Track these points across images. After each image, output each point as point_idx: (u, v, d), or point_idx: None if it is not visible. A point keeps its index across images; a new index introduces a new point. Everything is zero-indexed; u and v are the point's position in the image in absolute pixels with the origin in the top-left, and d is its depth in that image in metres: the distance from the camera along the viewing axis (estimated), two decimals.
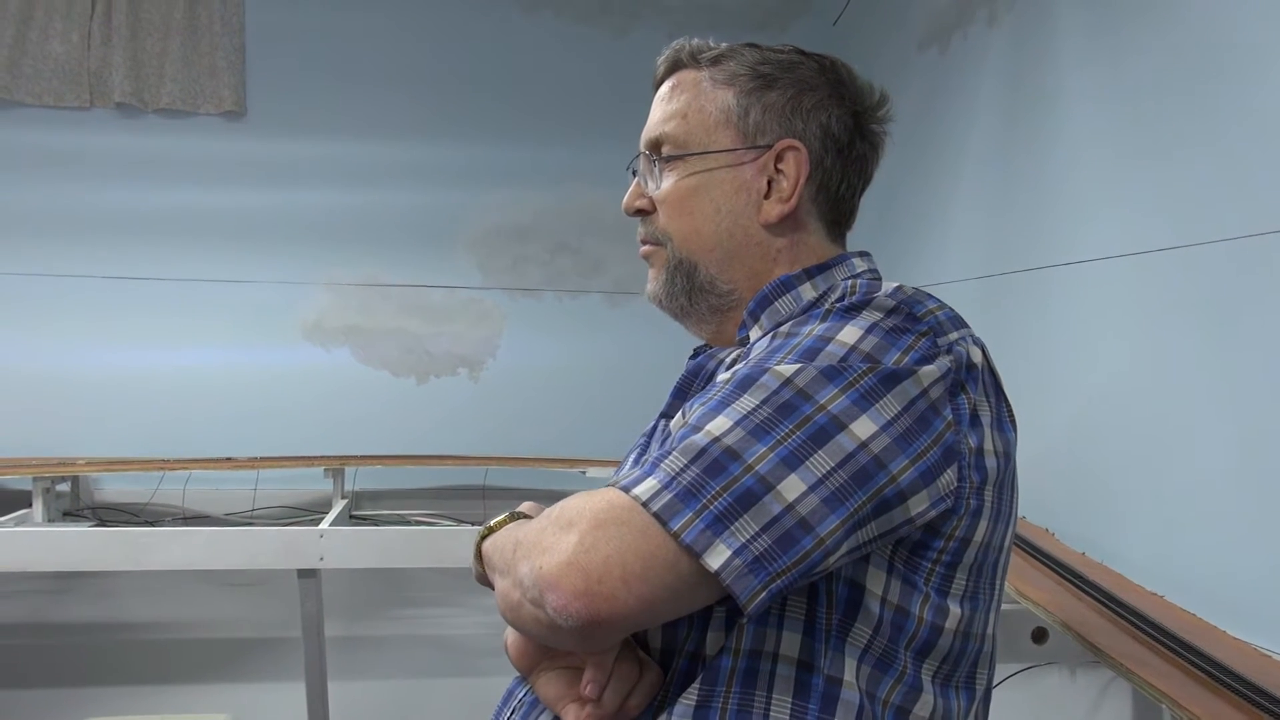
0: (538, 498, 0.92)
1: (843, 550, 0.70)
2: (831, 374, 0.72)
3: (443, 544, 2.23)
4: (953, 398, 0.75)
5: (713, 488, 0.67)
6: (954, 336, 0.78)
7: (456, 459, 2.92)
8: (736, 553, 0.66)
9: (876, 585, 0.75)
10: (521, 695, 0.88)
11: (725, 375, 0.77)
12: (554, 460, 2.88)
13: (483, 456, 2.92)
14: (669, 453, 0.70)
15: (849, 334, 0.75)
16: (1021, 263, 1.92)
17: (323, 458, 2.83)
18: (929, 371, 0.74)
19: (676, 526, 0.66)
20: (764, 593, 0.67)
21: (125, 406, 2.94)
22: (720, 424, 0.70)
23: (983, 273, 2.08)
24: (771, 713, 0.74)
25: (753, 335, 0.90)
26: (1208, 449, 1.37)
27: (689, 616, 0.77)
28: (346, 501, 2.80)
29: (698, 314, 0.96)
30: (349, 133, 3.10)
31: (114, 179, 2.99)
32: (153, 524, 2.78)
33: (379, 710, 2.86)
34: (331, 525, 2.35)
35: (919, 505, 0.72)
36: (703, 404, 0.74)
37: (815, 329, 0.77)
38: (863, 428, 0.70)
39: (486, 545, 0.84)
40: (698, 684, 0.75)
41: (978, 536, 0.78)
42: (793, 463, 0.68)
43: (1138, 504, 1.53)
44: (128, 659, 2.88)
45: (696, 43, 0.96)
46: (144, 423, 2.93)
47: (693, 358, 0.97)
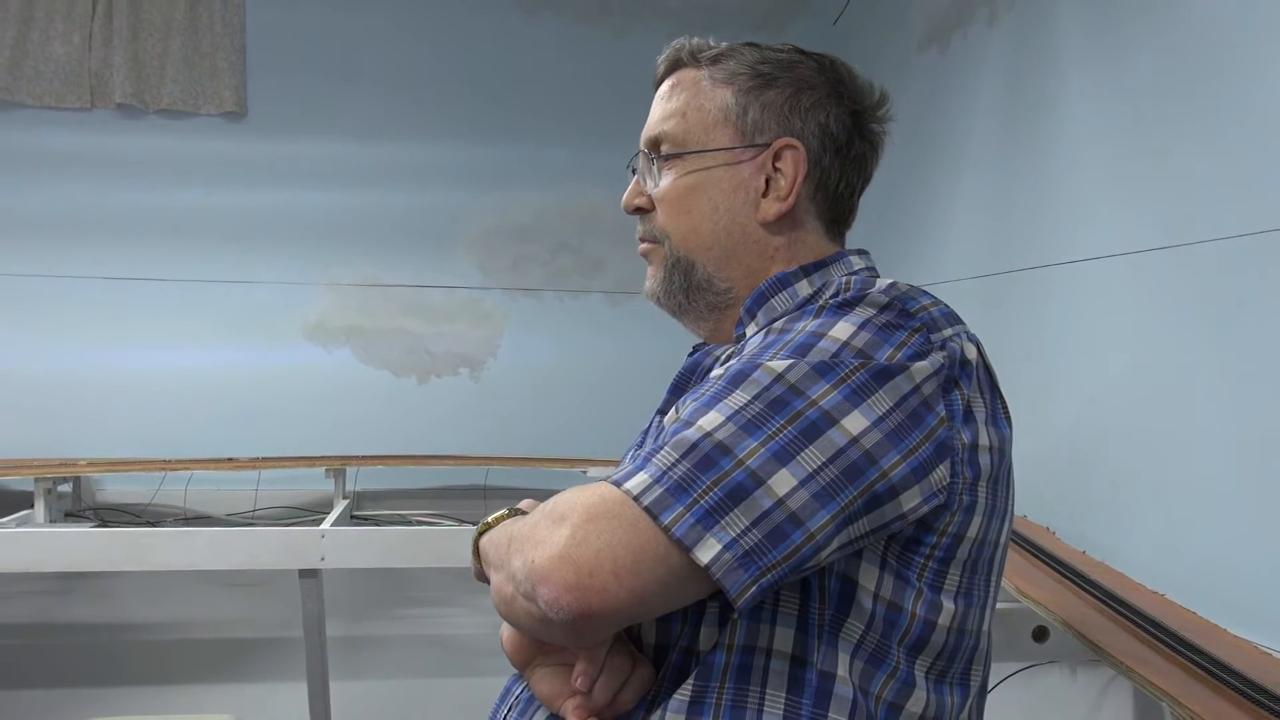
0: (538, 497, 0.91)
1: (834, 545, 0.70)
2: (823, 370, 0.72)
3: (444, 544, 2.22)
4: (946, 394, 0.75)
5: (703, 482, 0.67)
6: (947, 333, 0.78)
7: (457, 459, 2.91)
8: (727, 547, 0.66)
9: (869, 580, 0.75)
10: (519, 692, 0.88)
11: (719, 371, 0.77)
12: (555, 460, 2.88)
13: (484, 456, 2.91)
14: (661, 447, 0.70)
15: (841, 330, 0.75)
16: (1022, 262, 1.91)
17: (324, 458, 2.83)
18: (921, 367, 0.74)
19: (667, 520, 0.66)
20: (754, 587, 0.67)
21: (126, 407, 2.94)
22: (712, 419, 0.70)
23: (983, 272, 2.08)
24: (766, 708, 0.74)
25: (749, 331, 0.90)
26: (1209, 447, 1.37)
27: (683, 612, 0.77)
28: (348, 502, 2.80)
29: (695, 311, 0.96)
30: (350, 133, 3.10)
31: (115, 180, 2.98)
32: (154, 525, 2.78)
33: (381, 709, 2.86)
34: (333, 525, 2.34)
35: (911, 501, 0.72)
36: (696, 400, 0.74)
37: (808, 325, 0.77)
38: (854, 423, 0.70)
39: (483, 541, 0.85)
40: (692, 680, 0.75)
41: (971, 532, 0.78)
42: (784, 458, 0.68)
43: (1139, 502, 1.53)
44: (130, 659, 2.88)
45: (696, 42, 0.96)
46: (145, 423, 2.93)
47: (690, 355, 0.98)
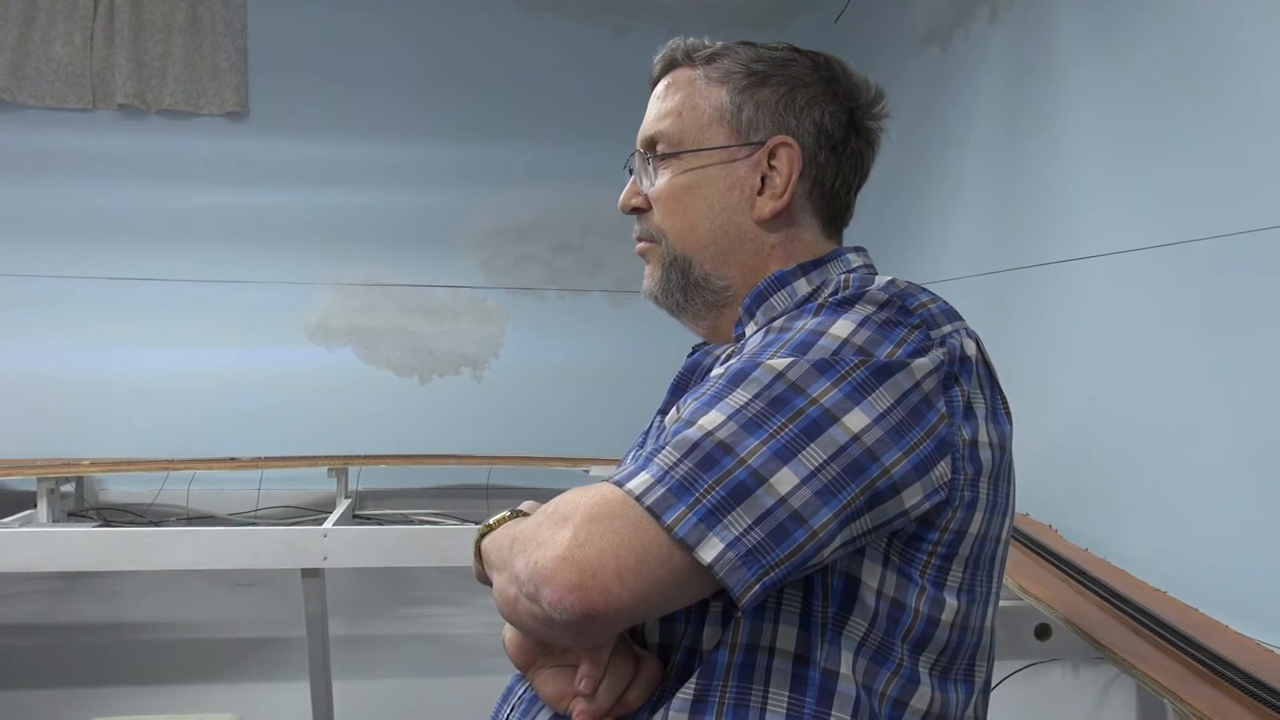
0: (540, 497, 0.91)
1: (836, 543, 0.70)
2: (824, 367, 0.72)
3: (446, 543, 2.23)
4: (946, 390, 0.75)
5: (705, 481, 0.67)
6: (947, 329, 0.78)
7: (459, 458, 2.92)
8: (729, 546, 0.66)
9: (872, 578, 0.75)
10: (521, 693, 0.88)
11: (719, 370, 0.77)
12: (557, 459, 2.88)
13: (486, 456, 2.92)
14: (662, 447, 0.70)
15: (841, 327, 0.75)
16: (1023, 259, 1.91)
17: (326, 457, 2.83)
18: (922, 364, 0.74)
19: (670, 520, 0.66)
20: (757, 585, 0.67)
21: (129, 407, 2.94)
22: (713, 418, 0.70)
23: (984, 269, 2.08)
24: (769, 706, 0.74)
25: (748, 330, 0.90)
26: (1211, 444, 1.36)
27: (686, 611, 0.77)
28: (350, 501, 2.80)
29: (693, 310, 0.97)
30: (351, 133, 3.10)
31: (117, 180, 2.99)
32: (157, 524, 2.79)
33: (383, 708, 2.87)
34: (335, 525, 2.34)
35: (912, 498, 0.72)
36: (696, 399, 0.74)
37: (808, 323, 0.77)
38: (855, 420, 0.70)
39: (485, 543, 0.84)
40: (695, 679, 0.75)
41: (973, 529, 0.78)
42: (785, 456, 0.68)
43: (1141, 500, 1.53)
44: (132, 659, 2.88)
45: (692, 41, 0.97)
46: (147, 423, 2.93)
47: (690, 355, 0.98)
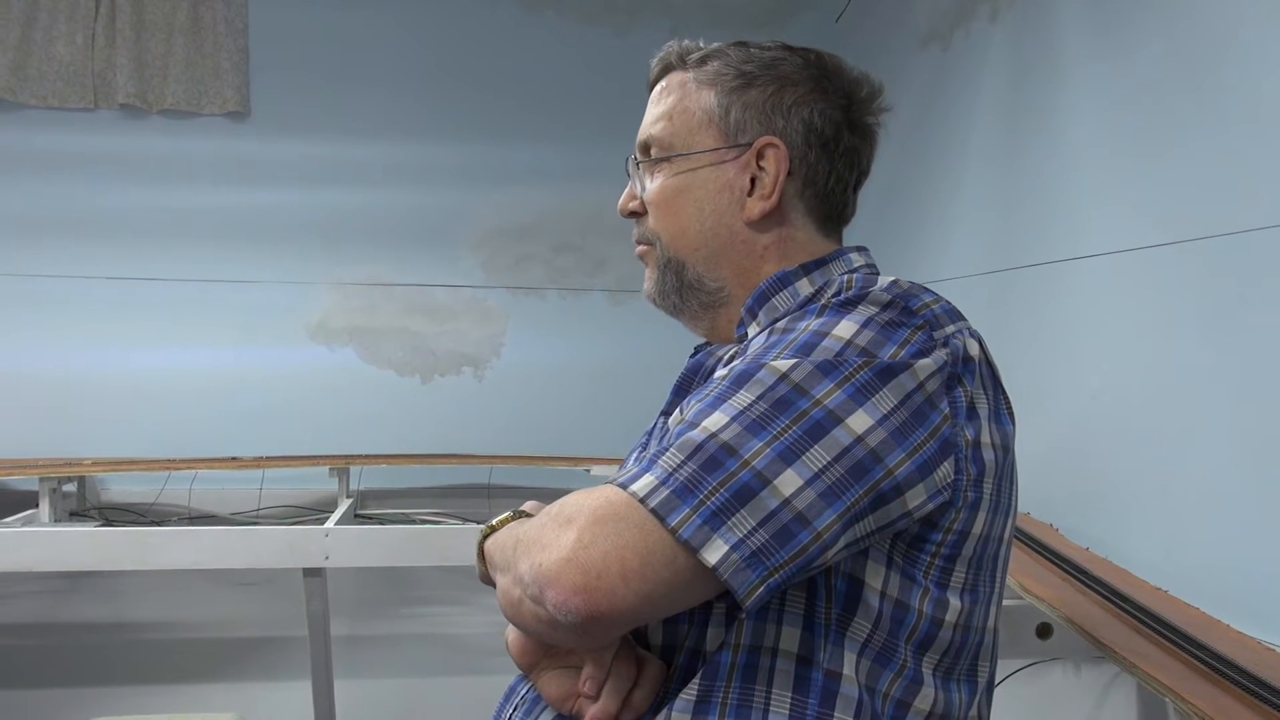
0: (542, 496, 0.92)
1: (840, 544, 0.70)
2: (827, 368, 0.72)
3: (447, 543, 2.23)
4: (949, 391, 0.75)
5: (709, 483, 0.67)
6: (950, 329, 0.78)
7: (461, 458, 2.92)
8: (734, 548, 0.66)
9: (875, 579, 0.75)
10: (524, 693, 0.88)
11: (723, 371, 0.77)
12: (558, 458, 2.88)
13: (487, 455, 2.92)
14: (666, 449, 0.70)
15: (844, 328, 0.75)
16: (1025, 258, 1.91)
17: (328, 457, 2.83)
18: (925, 365, 0.74)
19: (674, 522, 0.66)
20: (761, 587, 0.67)
21: (130, 407, 2.94)
22: (717, 420, 0.70)
23: (986, 269, 2.07)
24: (771, 707, 0.74)
25: (750, 331, 0.90)
26: (1212, 443, 1.36)
27: (689, 613, 0.77)
28: (351, 501, 2.80)
29: (690, 311, 0.97)
30: (352, 132, 3.09)
31: (119, 180, 2.98)
32: (159, 524, 2.79)
33: (384, 708, 2.87)
34: (337, 524, 2.34)
35: (916, 499, 0.72)
36: (700, 400, 0.74)
37: (811, 324, 0.77)
38: (859, 422, 0.70)
39: (488, 544, 0.85)
40: (698, 679, 0.75)
41: (976, 529, 0.78)
42: (789, 457, 0.68)
43: (1142, 499, 1.53)
44: (134, 658, 2.88)
45: (686, 44, 0.97)
46: (149, 423, 2.93)
47: (693, 355, 0.98)
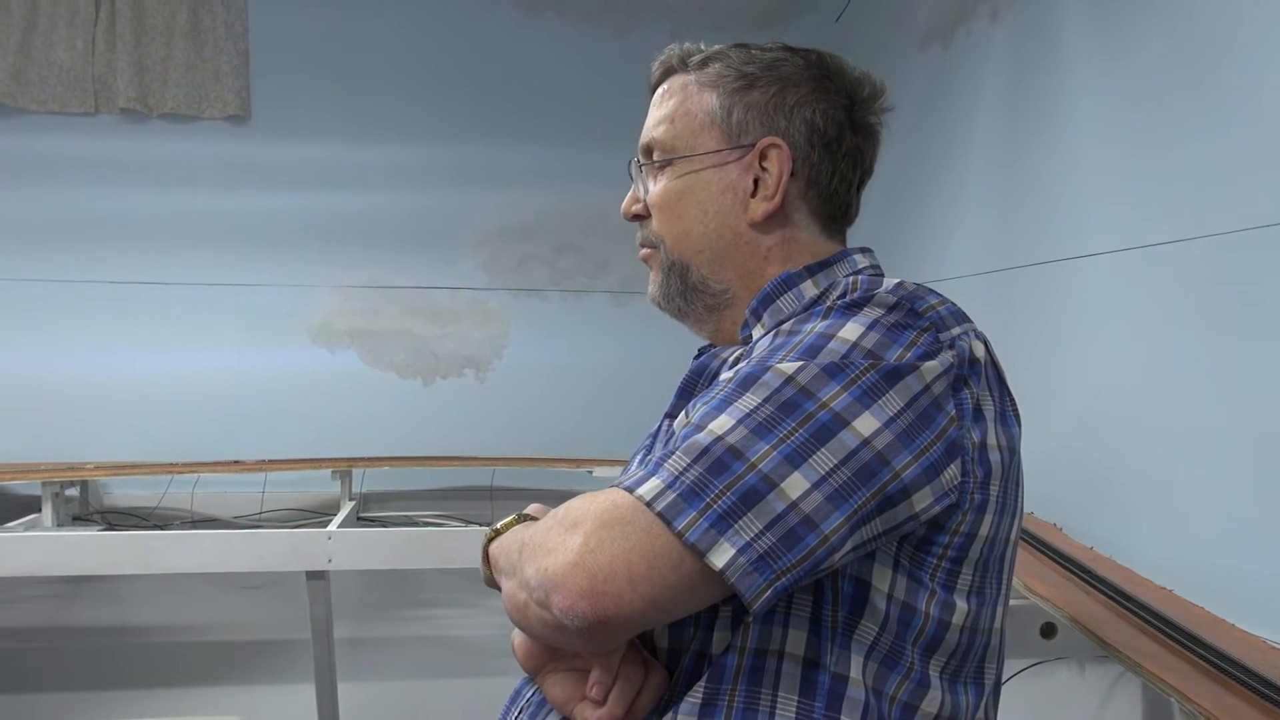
0: (545, 498, 0.92)
1: (847, 547, 0.70)
2: (833, 371, 0.72)
3: (451, 545, 2.22)
4: (955, 393, 0.75)
5: (716, 486, 0.67)
6: (956, 331, 0.78)
7: (463, 460, 2.92)
8: (741, 551, 0.66)
9: (882, 582, 0.75)
10: (529, 695, 0.88)
11: (728, 374, 0.77)
12: (561, 460, 2.88)
13: (490, 457, 2.91)
14: (672, 452, 0.70)
15: (851, 331, 0.75)
16: (1026, 258, 1.91)
17: (330, 460, 2.83)
18: (931, 367, 0.74)
19: (680, 526, 0.66)
20: (769, 591, 0.67)
21: (132, 411, 2.94)
22: (723, 423, 0.70)
23: (987, 268, 2.07)
24: (778, 711, 0.74)
25: (755, 334, 0.90)
26: (1216, 442, 1.36)
27: (695, 616, 0.77)
28: (354, 503, 2.80)
29: (695, 314, 0.97)
30: (353, 135, 3.10)
31: (119, 184, 2.99)
32: (161, 528, 2.79)
33: (388, 711, 2.87)
34: (339, 527, 2.34)
35: (923, 501, 0.72)
36: (705, 403, 0.74)
37: (817, 326, 0.77)
38: (865, 424, 0.70)
39: (493, 548, 0.85)
40: (704, 682, 0.75)
41: (983, 531, 0.78)
42: (796, 460, 0.68)
43: (1146, 498, 1.53)
44: (138, 662, 2.88)
45: (687, 46, 0.97)
46: (151, 427, 2.93)
47: (697, 357, 0.98)
